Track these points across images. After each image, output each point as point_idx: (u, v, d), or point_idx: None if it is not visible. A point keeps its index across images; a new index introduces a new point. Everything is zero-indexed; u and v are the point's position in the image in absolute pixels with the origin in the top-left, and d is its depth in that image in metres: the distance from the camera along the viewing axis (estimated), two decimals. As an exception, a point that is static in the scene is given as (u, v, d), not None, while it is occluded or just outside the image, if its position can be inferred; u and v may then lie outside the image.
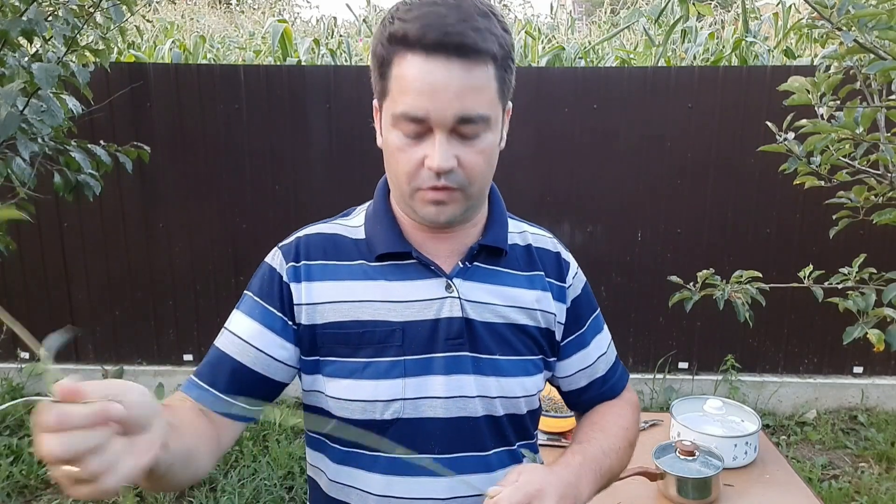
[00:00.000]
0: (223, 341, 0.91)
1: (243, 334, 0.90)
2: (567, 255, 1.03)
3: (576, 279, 1.03)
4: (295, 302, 0.89)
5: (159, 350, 3.78)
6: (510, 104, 0.89)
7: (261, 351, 0.89)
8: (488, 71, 0.79)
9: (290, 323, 0.89)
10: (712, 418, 1.80)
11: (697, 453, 1.57)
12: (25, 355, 3.78)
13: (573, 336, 1.02)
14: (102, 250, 3.68)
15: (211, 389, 0.88)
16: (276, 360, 0.89)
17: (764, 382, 3.71)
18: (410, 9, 0.79)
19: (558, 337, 1.00)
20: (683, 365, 3.78)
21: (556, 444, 1.78)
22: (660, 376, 3.73)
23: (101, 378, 3.12)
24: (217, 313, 3.72)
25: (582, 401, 1.07)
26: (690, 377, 3.75)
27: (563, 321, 1.00)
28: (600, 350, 1.05)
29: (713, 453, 1.59)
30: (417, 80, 0.77)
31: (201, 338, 3.77)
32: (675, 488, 1.53)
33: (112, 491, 0.54)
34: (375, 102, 0.88)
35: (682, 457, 1.57)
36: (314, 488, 1.00)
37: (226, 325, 0.93)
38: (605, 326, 1.08)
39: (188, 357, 3.77)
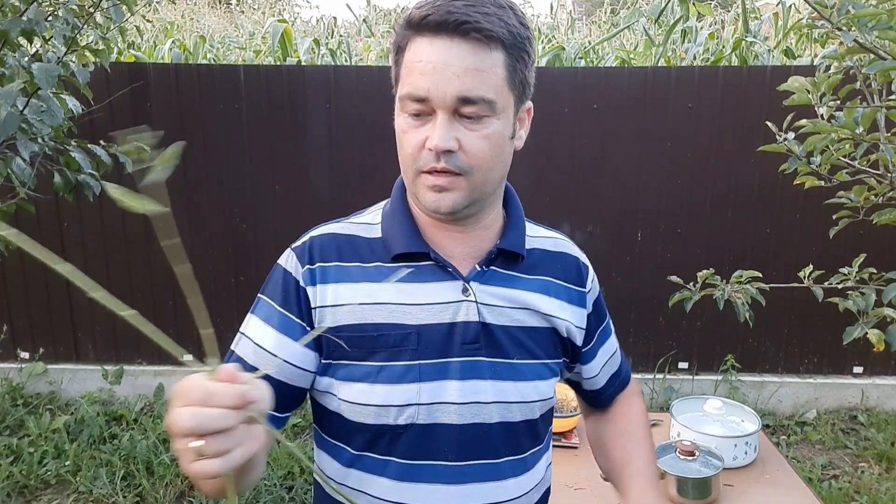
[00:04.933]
0: (243, 349, 0.89)
1: (263, 343, 0.88)
2: (586, 261, 1.04)
3: (594, 283, 1.04)
4: (312, 306, 0.88)
5: (159, 350, 3.74)
6: (530, 104, 0.89)
7: (282, 360, 0.87)
8: (494, 56, 0.80)
9: (308, 329, 0.88)
10: (712, 418, 1.80)
11: (697, 453, 1.58)
12: (25, 355, 3.79)
13: (594, 339, 1.04)
14: (102, 250, 3.68)
15: None
16: (298, 367, 0.88)
17: (764, 382, 3.71)
18: None
19: (579, 342, 1.00)
20: (683, 365, 3.77)
21: (557, 444, 1.79)
22: (660, 376, 3.73)
23: (102, 378, 3.10)
24: (217, 313, 3.72)
25: (603, 398, 1.11)
26: (690, 377, 3.75)
27: (585, 326, 1.00)
28: (613, 349, 1.10)
29: (713, 453, 1.59)
30: (421, 61, 0.79)
31: (201, 338, 3.76)
32: (675, 488, 1.53)
33: (224, 471, 0.57)
34: (394, 91, 0.90)
35: (682, 457, 1.57)
36: (319, 491, 0.98)
37: (242, 329, 0.91)
38: (612, 330, 1.13)
39: (188, 357, 3.76)
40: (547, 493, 1.03)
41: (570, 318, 0.97)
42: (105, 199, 3.34)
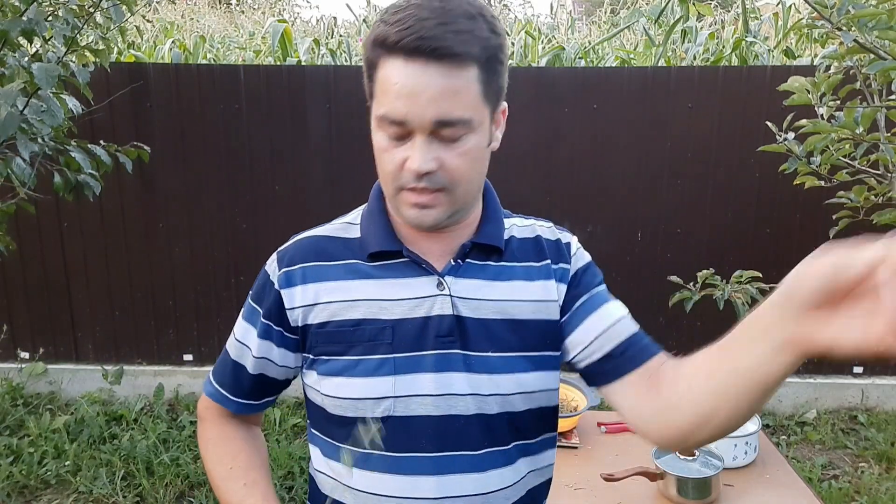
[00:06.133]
0: (232, 347, 1.00)
1: (242, 338, 0.98)
2: (566, 239, 1.00)
3: (575, 257, 0.99)
4: (287, 307, 0.92)
5: (159, 350, 3.78)
6: (504, 104, 0.89)
7: (256, 356, 0.96)
8: (468, 74, 0.79)
9: (278, 328, 0.94)
10: (712, 418, 1.80)
11: (697, 453, 1.58)
12: (25, 355, 3.79)
13: (575, 307, 0.95)
14: (102, 250, 3.68)
15: (221, 390, 1.01)
16: (277, 364, 0.96)
17: (764, 382, 3.71)
18: (396, 11, 0.80)
19: (557, 316, 0.94)
20: (683, 365, 3.77)
21: (556, 444, 1.78)
22: (660, 376, 3.73)
23: (102, 378, 3.12)
24: (217, 313, 3.72)
25: (608, 369, 0.92)
26: (690, 377, 3.74)
27: (562, 301, 0.95)
28: (613, 317, 0.95)
29: (713, 453, 1.59)
30: (397, 84, 0.79)
31: (201, 338, 3.77)
32: (675, 488, 1.53)
33: None
34: (368, 103, 0.91)
35: (682, 457, 1.57)
36: (313, 485, 1.00)
37: (234, 328, 1.01)
38: (619, 302, 1.00)
39: (188, 357, 3.77)
40: (542, 488, 1.01)
41: (557, 296, 0.95)
42: (105, 199, 3.35)
